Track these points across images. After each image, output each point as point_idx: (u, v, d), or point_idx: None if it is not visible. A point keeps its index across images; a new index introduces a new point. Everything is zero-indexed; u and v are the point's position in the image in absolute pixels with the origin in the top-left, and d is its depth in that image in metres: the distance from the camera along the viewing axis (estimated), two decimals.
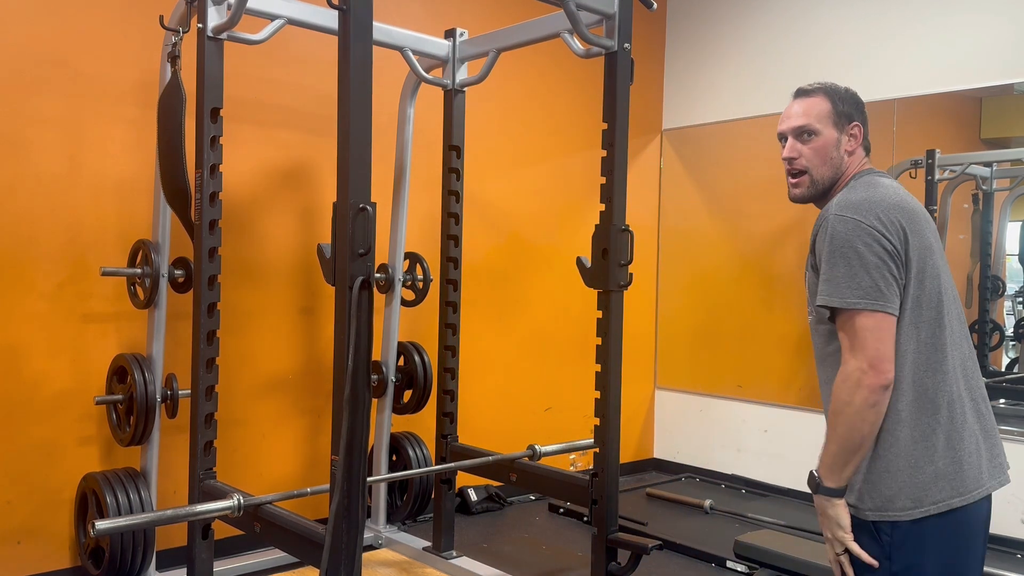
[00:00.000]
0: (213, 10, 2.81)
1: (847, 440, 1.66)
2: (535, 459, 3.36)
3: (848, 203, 1.71)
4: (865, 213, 1.68)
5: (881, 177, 1.83)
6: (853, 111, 1.86)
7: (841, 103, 1.86)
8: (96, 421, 3.28)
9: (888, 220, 1.68)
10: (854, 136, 1.86)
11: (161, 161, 2.96)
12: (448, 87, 3.63)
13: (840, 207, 1.71)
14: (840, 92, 1.88)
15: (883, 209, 1.69)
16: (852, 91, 1.91)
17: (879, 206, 1.69)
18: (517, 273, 4.65)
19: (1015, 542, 3.80)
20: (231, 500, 2.58)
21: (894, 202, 1.72)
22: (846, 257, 1.66)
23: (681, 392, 5.30)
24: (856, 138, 1.86)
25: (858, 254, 1.65)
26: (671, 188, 5.41)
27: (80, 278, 3.22)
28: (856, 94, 1.91)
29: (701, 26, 5.19)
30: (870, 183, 1.78)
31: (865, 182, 1.80)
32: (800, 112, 1.87)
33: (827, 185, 1.86)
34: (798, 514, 4.22)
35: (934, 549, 1.65)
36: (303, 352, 3.84)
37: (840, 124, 1.85)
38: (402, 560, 3.63)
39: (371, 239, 2.22)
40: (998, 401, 4.48)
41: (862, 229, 1.66)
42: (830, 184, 1.86)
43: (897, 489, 1.65)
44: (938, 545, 1.65)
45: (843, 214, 1.69)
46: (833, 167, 1.85)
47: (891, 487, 1.66)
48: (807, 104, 1.87)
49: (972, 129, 4.51)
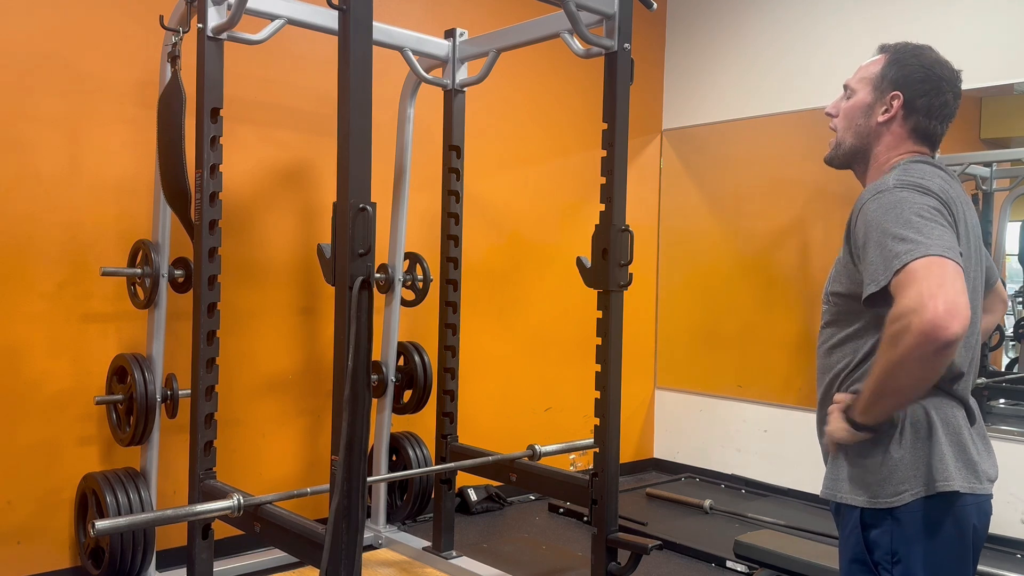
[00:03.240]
0: (213, 10, 2.81)
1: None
2: (535, 459, 3.36)
3: (883, 183, 1.52)
4: (905, 184, 1.48)
5: (932, 167, 1.58)
6: (903, 79, 1.60)
7: (894, 67, 1.61)
8: (96, 421, 3.28)
9: (937, 189, 1.48)
10: (890, 107, 1.61)
11: (161, 161, 2.96)
12: (448, 87, 3.63)
13: (874, 189, 1.52)
14: (903, 55, 1.62)
15: (927, 182, 1.49)
16: (929, 55, 1.61)
17: (922, 180, 1.50)
18: (517, 273, 4.65)
19: (1015, 542, 3.80)
20: (231, 500, 2.58)
21: (940, 186, 1.50)
22: (900, 219, 1.41)
23: (681, 392, 5.30)
24: (892, 109, 1.61)
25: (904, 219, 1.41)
26: (671, 188, 5.41)
27: (80, 278, 3.22)
28: (932, 60, 1.61)
29: (701, 26, 5.19)
30: (908, 170, 1.55)
31: (904, 168, 1.56)
32: (858, 69, 1.67)
33: (848, 152, 1.67)
34: (798, 514, 4.22)
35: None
36: (303, 352, 3.84)
37: (880, 89, 1.62)
38: (402, 560, 3.63)
39: (371, 239, 2.22)
40: (998, 401, 4.48)
41: (906, 192, 1.45)
42: (851, 153, 1.67)
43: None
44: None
45: (880, 190, 1.50)
46: (857, 134, 1.65)
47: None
48: (868, 63, 1.66)
49: (972, 129, 4.51)
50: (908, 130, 1.63)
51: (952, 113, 1.65)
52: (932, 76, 1.61)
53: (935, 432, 1.53)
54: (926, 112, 1.61)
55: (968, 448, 1.56)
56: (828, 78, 4.40)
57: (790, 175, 4.92)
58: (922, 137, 1.64)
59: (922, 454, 1.53)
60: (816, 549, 3.48)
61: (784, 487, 4.64)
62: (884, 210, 1.46)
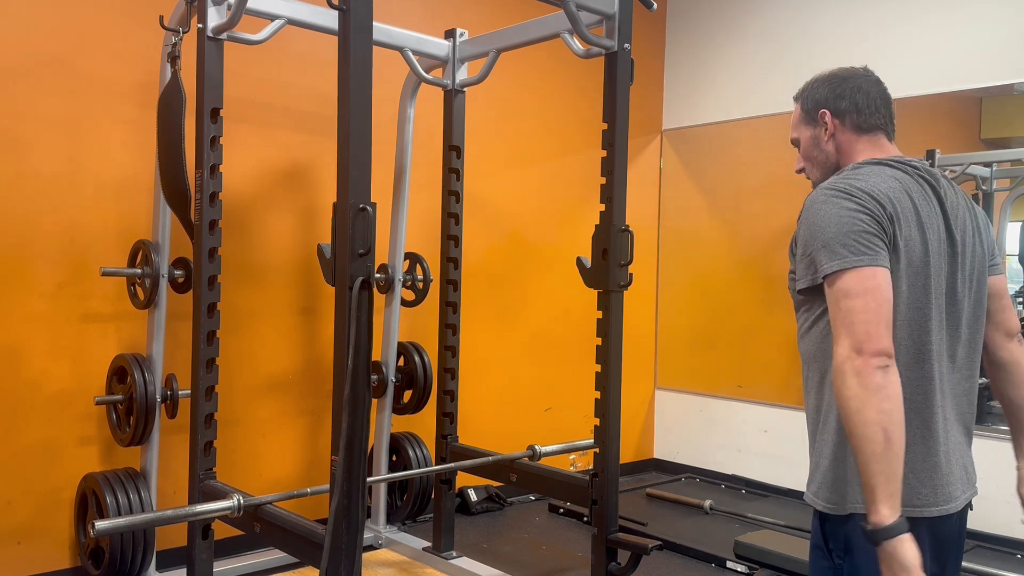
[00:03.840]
0: (213, 10, 2.81)
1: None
2: (535, 459, 3.36)
3: (823, 186, 1.62)
4: (835, 190, 1.57)
5: (882, 166, 1.64)
6: (819, 99, 1.74)
7: (807, 100, 1.77)
8: (96, 421, 3.28)
9: (869, 188, 1.55)
10: (824, 124, 1.72)
11: (161, 161, 2.96)
12: (448, 87, 3.63)
13: (817, 191, 1.62)
14: (807, 87, 1.78)
15: (859, 182, 1.57)
16: (824, 74, 1.77)
17: (854, 182, 1.57)
18: (517, 273, 4.65)
19: (1015, 542, 3.80)
20: (231, 500, 2.58)
21: (880, 188, 1.56)
22: (820, 226, 1.53)
23: (681, 392, 5.30)
24: (827, 125, 1.72)
25: (834, 219, 1.52)
26: (671, 188, 5.41)
27: (80, 278, 3.22)
28: (829, 75, 1.76)
29: (701, 26, 5.19)
30: (848, 175, 1.62)
31: (848, 173, 1.63)
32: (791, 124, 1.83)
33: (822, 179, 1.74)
34: (798, 514, 4.22)
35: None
36: (303, 352, 3.84)
37: (812, 119, 1.75)
38: (402, 560, 3.63)
39: (371, 239, 2.22)
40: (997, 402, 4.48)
41: (833, 199, 1.55)
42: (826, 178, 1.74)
43: None
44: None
45: (815, 195, 1.60)
46: (820, 164, 1.75)
47: None
48: (793, 115, 1.82)
49: (972, 129, 4.51)
50: (851, 132, 1.72)
51: (877, 96, 1.73)
52: (837, 80, 1.74)
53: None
54: (854, 108, 1.71)
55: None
56: None
57: (790, 175, 4.91)
58: (867, 130, 1.72)
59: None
60: None
61: (784, 487, 4.64)
62: (809, 213, 1.58)
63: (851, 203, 1.54)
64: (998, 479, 2.47)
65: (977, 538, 3.83)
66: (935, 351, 1.59)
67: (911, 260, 1.56)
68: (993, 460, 3.86)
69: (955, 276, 1.63)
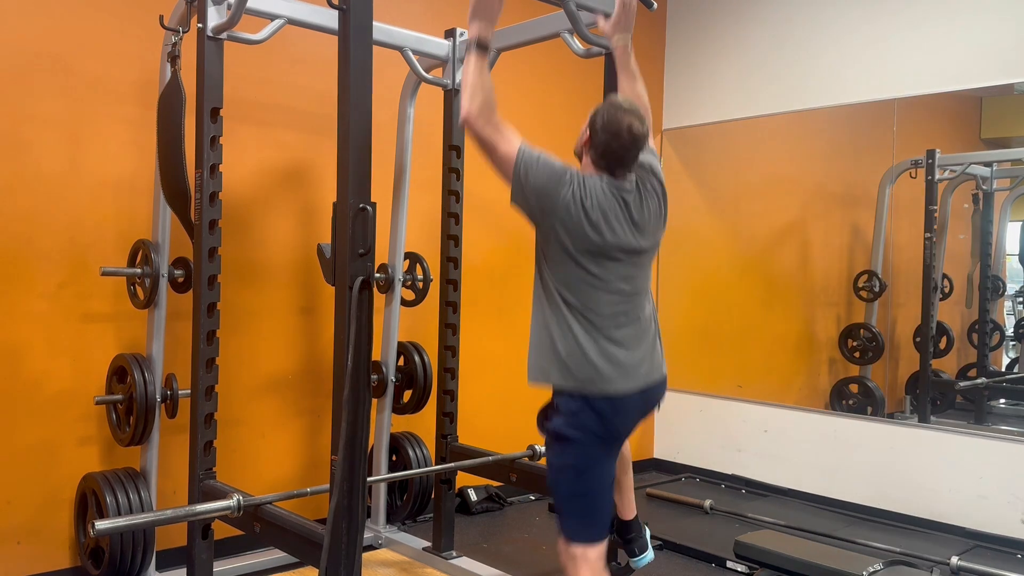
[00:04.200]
0: (213, 10, 2.81)
1: None
2: (535, 459, 3.37)
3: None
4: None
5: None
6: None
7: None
8: (96, 421, 3.28)
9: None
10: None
11: (161, 161, 2.96)
12: (448, 87, 3.63)
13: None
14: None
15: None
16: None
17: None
18: (517, 273, 4.64)
19: (1015, 542, 3.79)
20: (231, 500, 2.58)
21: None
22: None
23: (681, 392, 5.29)
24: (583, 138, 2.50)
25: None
26: (671, 188, 5.35)
27: (80, 278, 3.22)
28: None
29: (701, 26, 5.19)
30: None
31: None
32: None
33: None
34: (798, 514, 4.22)
35: None
36: (303, 352, 3.84)
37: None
38: (402, 560, 3.63)
39: (371, 239, 2.22)
40: (998, 401, 4.48)
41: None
42: None
43: None
44: None
45: None
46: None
47: None
48: None
49: (972, 129, 4.51)
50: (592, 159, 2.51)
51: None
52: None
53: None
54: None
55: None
56: (828, 78, 4.41)
57: (790, 175, 4.92)
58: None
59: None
60: (816, 549, 3.48)
61: (784, 487, 4.64)
62: None
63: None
64: (998, 479, 2.47)
65: (977, 538, 3.83)
66: None
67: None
68: (993, 460, 3.87)
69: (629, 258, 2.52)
